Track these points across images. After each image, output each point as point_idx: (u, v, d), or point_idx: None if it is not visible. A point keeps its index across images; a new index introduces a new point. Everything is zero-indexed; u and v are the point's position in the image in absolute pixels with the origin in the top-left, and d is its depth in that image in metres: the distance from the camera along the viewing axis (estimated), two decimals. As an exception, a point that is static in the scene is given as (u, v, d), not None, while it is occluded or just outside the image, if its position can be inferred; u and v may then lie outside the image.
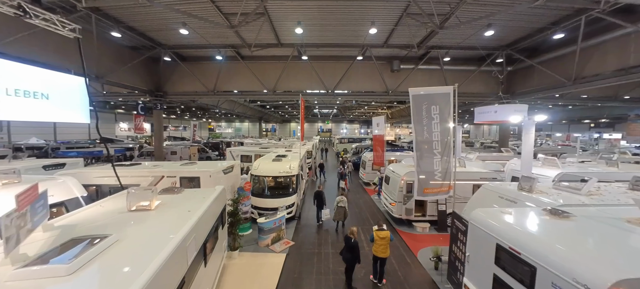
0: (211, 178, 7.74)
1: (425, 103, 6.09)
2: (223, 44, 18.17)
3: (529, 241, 3.93)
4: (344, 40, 17.30)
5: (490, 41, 16.82)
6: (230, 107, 33.66)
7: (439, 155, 6.12)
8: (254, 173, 10.06)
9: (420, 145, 6.12)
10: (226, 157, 17.00)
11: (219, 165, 8.59)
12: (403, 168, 9.97)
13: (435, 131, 6.08)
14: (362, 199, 13.43)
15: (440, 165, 6.15)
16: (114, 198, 5.32)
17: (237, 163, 9.57)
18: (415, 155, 6.21)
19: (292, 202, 9.73)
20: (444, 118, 6.01)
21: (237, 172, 9.79)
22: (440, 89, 6.08)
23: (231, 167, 8.99)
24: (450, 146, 6.16)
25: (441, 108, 6.04)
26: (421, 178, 6.14)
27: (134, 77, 20.06)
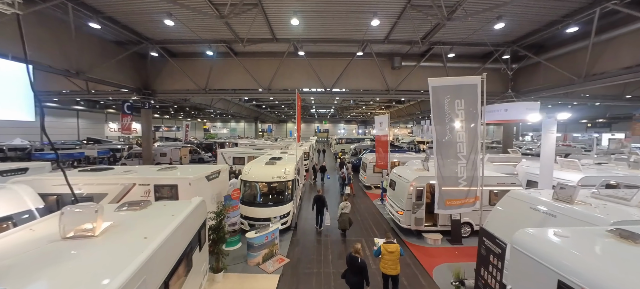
0: (191, 187, 6.50)
1: (447, 96, 4.96)
2: (214, 38, 16.88)
3: (612, 282, 2.82)
4: (343, 35, 16.15)
5: (496, 37, 15.83)
6: (224, 107, 32.27)
7: (464, 159, 5.00)
8: (245, 179, 8.85)
9: (442, 147, 4.98)
10: (217, 159, 15.70)
11: (203, 170, 7.37)
12: (411, 172, 8.84)
13: (459, 131, 4.96)
14: (364, 205, 12.30)
15: (465, 171, 5.03)
16: (53, 218, 4.05)
17: (224, 168, 8.34)
18: (436, 159, 5.08)
19: (287, 211, 8.53)
20: (471, 114, 4.90)
21: (225, 177, 8.55)
22: (466, 80, 4.97)
23: (217, 172, 7.76)
24: (477, 149, 5.04)
25: (467, 102, 4.91)
26: (443, 187, 5.03)
27: (120, 74, 18.62)
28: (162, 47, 18.14)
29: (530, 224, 5.60)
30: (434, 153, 5.21)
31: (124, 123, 20.39)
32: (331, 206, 11.29)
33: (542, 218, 5.56)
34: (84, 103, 35.17)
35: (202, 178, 6.95)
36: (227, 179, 8.79)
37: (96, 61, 16.30)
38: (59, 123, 36.26)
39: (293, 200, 8.97)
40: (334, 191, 15.06)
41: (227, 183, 8.70)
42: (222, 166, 8.27)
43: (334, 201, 10.73)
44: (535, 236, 3.71)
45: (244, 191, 8.91)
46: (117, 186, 6.57)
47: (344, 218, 8.98)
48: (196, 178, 6.72)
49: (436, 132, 4.99)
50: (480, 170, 5.14)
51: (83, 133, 37.81)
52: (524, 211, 5.86)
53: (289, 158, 10.01)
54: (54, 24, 13.54)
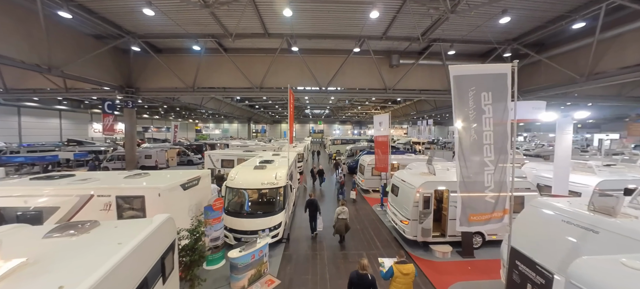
0: (161, 198, 5.35)
1: (472, 88, 4.00)
2: (202, 32, 15.62)
3: None
4: (339, 31, 15.16)
5: (497, 34, 15.12)
6: (215, 107, 30.83)
7: (492, 165, 4.05)
8: (230, 185, 7.73)
9: (466, 151, 4.01)
10: (204, 162, 14.45)
11: (178, 177, 6.22)
12: (416, 177, 7.88)
13: (486, 130, 4.00)
14: (363, 211, 11.29)
15: (492, 179, 4.08)
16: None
17: (204, 173, 7.18)
18: (459, 166, 4.12)
19: (278, 222, 7.44)
20: (499, 110, 3.96)
21: (206, 184, 7.40)
22: (493, 68, 3.99)
23: (196, 179, 6.61)
24: (507, 153, 4.09)
25: (495, 96, 3.95)
26: (467, 199, 4.06)
27: (100, 70, 17.14)
28: (146, 41, 16.75)
29: (567, 242, 4.68)
30: (456, 158, 4.21)
31: (106, 124, 18.87)
32: (328, 211, 10.28)
33: (580, 234, 4.63)
34: (67, 103, 33.18)
35: (175, 187, 5.78)
36: (210, 186, 7.64)
37: (71, 56, 14.84)
38: (40, 123, 34.15)
39: (285, 209, 7.87)
40: (330, 195, 13.98)
41: (210, 190, 7.56)
42: (203, 172, 7.12)
43: (332, 207, 9.72)
44: (611, 272, 2.75)
45: (229, 199, 7.77)
46: (71, 199, 5.37)
47: (341, 224, 8.24)
48: (168, 188, 5.54)
49: (459, 132, 4.02)
50: (509, 178, 4.19)
51: (66, 134, 35.71)
52: (556, 224, 4.93)
53: (281, 162, 8.93)
54: (20, 12, 12.10)
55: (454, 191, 7.46)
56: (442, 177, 7.95)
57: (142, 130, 43.51)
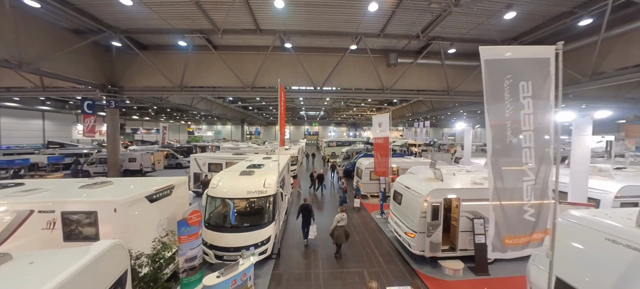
0: (118, 214, 4.29)
1: (508, 76, 3.10)
2: (188, 27, 14.49)
3: None
4: (335, 27, 14.26)
5: (498, 33, 14.45)
6: (207, 108, 29.52)
7: (533, 174, 3.16)
8: (212, 194, 6.67)
9: (501, 156, 3.14)
10: (191, 165, 13.28)
11: (144, 186, 5.14)
12: (423, 184, 6.98)
13: (526, 130, 3.12)
14: (361, 219, 10.33)
15: (533, 192, 3.19)
16: None
17: (179, 181, 6.09)
18: (491, 174, 3.20)
19: (266, 236, 6.41)
20: (542, 106, 3.08)
21: (183, 194, 6.31)
22: (533, 51, 3.10)
23: (168, 189, 5.53)
24: (550, 159, 3.20)
25: (536, 87, 3.07)
26: (501, 218, 3.14)
27: (79, 67, 15.80)
28: (129, 37, 15.52)
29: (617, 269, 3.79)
30: (487, 164, 3.28)
31: (87, 125, 17.48)
32: (326, 220, 9.29)
33: (634, 258, 3.75)
34: (50, 104, 31.37)
35: (138, 199, 4.69)
36: (187, 195, 6.56)
37: (46, 51, 13.53)
38: (22, 125, 32.22)
39: (275, 220, 6.84)
40: (330, 202, 12.95)
41: (187, 201, 6.48)
42: (177, 180, 6.04)
43: (332, 214, 8.72)
44: None
45: (211, 211, 6.70)
46: (2, 216, 4.24)
47: (340, 232, 7.43)
48: (127, 201, 4.45)
49: (492, 131, 3.11)
50: (550, 189, 3.28)
51: (50, 136, 33.80)
52: (598, 244, 4.05)
53: (271, 166, 7.90)
54: None
55: (467, 199, 6.61)
56: (451, 184, 7.07)
57: (131, 132, 41.76)
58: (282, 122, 7.22)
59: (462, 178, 7.67)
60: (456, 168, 9.54)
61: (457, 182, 7.24)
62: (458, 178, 7.86)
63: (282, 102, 7.26)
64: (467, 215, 6.55)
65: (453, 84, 17.70)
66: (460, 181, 7.34)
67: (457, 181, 7.42)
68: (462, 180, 7.52)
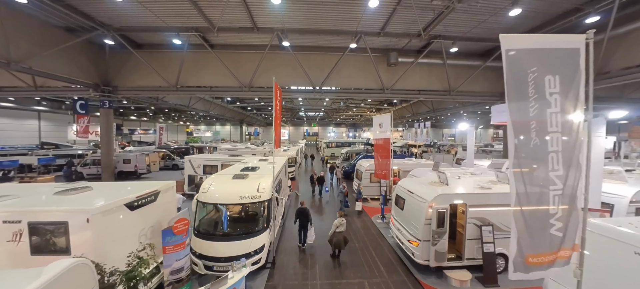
0: (91, 224, 3.82)
1: (532, 68, 2.67)
2: (184, 25, 14.05)
3: None
4: (334, 26, 13.84)
5: (501, 31, 14.02)
6: (205, 108, 29.04)
7: (561, 182, 2.74)
8: (202, 199, 6.22)
9: (524, 160, 2.75)
10: (185, 167, 12.81)
11: (126, 192, 4.69)
12: (427, 188, 6.54)
13: (553, 131, 2.70)
14: (361, 223, 9.86)
15: (560, 203, 2.77)
16: None
17: (165, 186, 5.62)
18: (513, 183, 2.77)
19: (260, 245, 5.96)
20: (570, 103, 2.66)
21: (170, 199, 5.84)
22: (560, 40, 2.67)
23: (153, 194, 5.07)
24: (579, 165, 2.77)
25: (563, 81, 2.65)
26: (524, 233, 2.71)
27: (72, 66, 15.33)
28: (123, 35, 15.07)
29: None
30: (510, 173, 2.84)
31: (81, 125, 16.98)
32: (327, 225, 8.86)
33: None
34: (46, 104, 30.87)
35: (116, 207, 4.22)
36: (174, 201, 6.09)
37: (36, 49, 13.07)
38: (17, 125, 31.68)
39: (269, 228, 6.38)
40: (331, 206, 12.47)
41: (174, 207, 6.02)
42: (163, 185, 5.58)
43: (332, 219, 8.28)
44: None
45: (201, 217, 6.24)
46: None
47: (339, 238, 7.14)
48: (102, 210, 3.99)
49: (515, 132, 2.68)
50: (580, 200, 2.84)
51: (45, 136, 33.26)
52: (627, 258, 3.62)
53: (267, 169, 7.46)
54: None
55: (474, 205, 6.18)
56: (457, 188, 6.62)
57: (129, 132, 41.23)
58: (278, 122, 6.76)
59: (468, 182, 7.23)
60: (460, 171, 9.11)
61: (463, 186, 6.80)
62: (463, 181, 7.42)
63: (277, 100, 6.81)
64: (474, 222, 6.11)
65: (455, 84, 17.28)
66: (467, 185, 6.90)
67: (463, 185, 6.97)
68: (468, 183, 7.08)
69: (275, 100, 6.60)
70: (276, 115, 6.58)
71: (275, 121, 6.59)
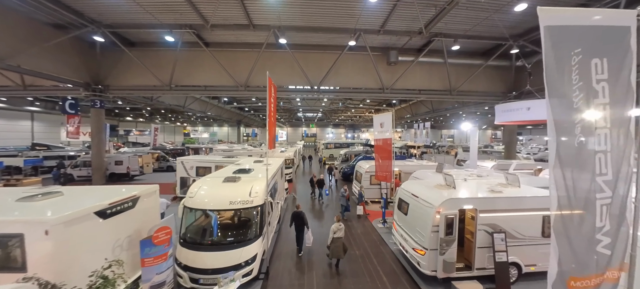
0: (51, 237, 3.24)
1: (576, 50, 2.18)
2: (177, 22, 13.50)
3: None
4: (332, 23, 13.37)
5: (504, 28, 13.62)
6: (201, 108, 28.41)
7: (609, 188, 2.24)
8: (189, 205, 5.66)
9: (567, 163, 2.37)
10: (177, 169, 12.21)
11: (96, 198, 4.12)
12: (433, 192, 6.02)
13: (601, 127, 2.22)
14: (361, 228, 9.32)
15: (608, 215, 2.27)
16: None
17: (146, 191, 5.02)
18: (554, 191, 2.27)
19: (252, 255, 5.40)
20: (621, 93, 2.18)
21: (151, 205, 5.24)
22: (606, 16, 2.19)
23: (131, 200, 4.50)
24: (630, 168, 2.26)
25: (612, 66, 2.18)
26: (566, 251, 2.22)
27: (61, 64, 14.71)
28: (114, 32, 14.48)
29: None
30: (550, 178, 2.32)
31: (71, 126, 16.33)
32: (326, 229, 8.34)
33: None
34: (40, 104, 30.10)
35: (83, 216, 3.62)
36: (157, 206, 5.51)
37: (22, 45, 12.47)
38: (9, 126, 30.88)
39: (262, 236, 5.83)
40: (331, 210, 11.87)
41: (157, 213, 5.44)
42: (143, 190, 5.00)
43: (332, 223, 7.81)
44: None
45: (188, 224, 5.68)
46: None
47: (337, 244, 6.61)
48: (63, 220, 3.40)
49: (555, 127, 2.19)
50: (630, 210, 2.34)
51: (38, 137, 32.45)
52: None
53: (261, 171, 6.91)
54: None
55: (485, 210, 5.67)
56: (465, 192, 6.11)
57: (125, 133, 40.46)
58: (272, 121, 6.21)
59: (476, 185, 6.73)
60: (465, 173, 8.61)
61: (472, 190, 6.29)
62: (471, 184, 6.92)
63: (272, 98, 6.27)
64: (485, 229, 5.60)
65: (456, 84, 16.85)
66: (476, 188, 6.39)
67: (472, 188, 6.46)
68: (477, 187, 6.57)
69: (269, 98, 6.06)
70: (270, 113, 6.04)
71: (268, 119, 6.04)
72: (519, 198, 5.78)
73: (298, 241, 7.46)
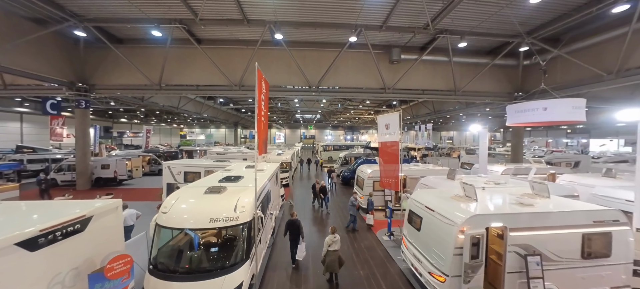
0: None
1: None
2: (165, 16, 12.50)
3: None
4: (332, 18, 12.43)
5: (512, 25, 12.77)
6: (196, 110, 27.31)
7: None
8: (162, 223, 4.65)
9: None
10: (163, 174, 11.15)
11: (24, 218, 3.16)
12: (452, 205, 5.05)
13: None
14: (365, 241, 8.27)
15: None
16: None
17: (105, 208, 3.96)
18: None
19: (236, 284, 4.38)
20: None
21: (111, 224, 4.18)
22: None
23: (78, 222, 3.45)
24: None
25: None
26: None
27: (42, 62, 13.64)
28: (99, 27, 13.46)
29: None
30: None
31: (53, 127, 15.21)
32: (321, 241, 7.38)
33: None
34: (28, 105, 28.87)
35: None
36: (119, 225, 4.45)
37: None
38: (-4, 128, 29.56)
39: (250, 259, 4.81)
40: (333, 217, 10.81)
41: (119, 233, 4.41)
42: (101, 206, 3.95)
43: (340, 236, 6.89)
44: None
45: (159, 246, 4.66)
46: None
47: (333, 258, 5.84)
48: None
49: None
50: None
51: (28, 139, 31.15)
52: None
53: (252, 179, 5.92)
54: None
55: (516, 228, 4.68)
56: (489, 205, 5.16)
57: (118, 135, 39.16)
58: (262, 121, 5.19)
59: (500, 196, 5.78)
60: (479, 179, 7.66)
61: (497, 202, 5.34)
62: (492, 195, 5.96)
63: (262, 95, 5.27)
64: (517, 250, 4.64)
65: (460, 84, 15.99)
66: (500, 200, 5.44)
67: (496, 200, 5.51)
68: (501, 199, 5.62)
69: (259, 94, 5.05)
70: (260, 112, 5.01)
71: (258, 120, 5.00)
72: (557, 213, 4.84)
73: (292, 252, 6.73)
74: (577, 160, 17.87)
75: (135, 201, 12.74)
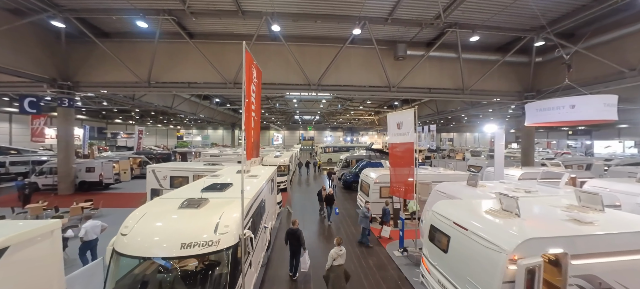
0: None
1: None
2: (153, 7, 11.36)
3: None
4: (333, 9, 11.37)
5: (527, 18, 11.81)
6: (191, 110, 26.13)
7: None
8: (120, 250, 3.55)
9: None
10: (147, 180, 9.96)
11: None
12: (493, 223, 3.96)
13: None
14: (372, 257, 7.11)
15: None
16: None
17: (29, 235, 2.91)
18: None
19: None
20: None
21: (44, 254, 3.05)
22: None
23: None
24: None
25: None
26: None
27: (20, 56, 12.43)
28: (82, 19, 12.30)
29: None
30: None
31: (35, 127, 13.99)
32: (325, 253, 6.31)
33: None
34: (18, 105, 27.44)
35: None
36: (56, 255, 3.27)
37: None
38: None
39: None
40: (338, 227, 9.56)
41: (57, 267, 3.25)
42: (22, 234, 2.85)
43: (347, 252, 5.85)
44: None
45: (117, 279, 3.54)
46: None
47: (338, 274, 5.06)
48: None
49: None
50: None
51: (17, 140, 29.78)
52: None
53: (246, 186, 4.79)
54: None
55: (579, 255, 3.59)
56: (540, 224, 4.06)
57: (112, 136, 37.81)
58: (250, 117, 4.05)
59: (542, 210, 4.70)
60: (507, 187, 6.59)
61: (547, 220, 4.24)
62: (532, 208, 4.88)
63: (253, 84, 4.16)
64: (580, 284, 3.55)
65: (468, 82, 14.98)
66: (549, 217, 4.35)
67: (543, 217, 4.42)
68: (546, 213, 4.53)
69: (248, 83, 3.93)
70: (248, 106, 3.86)
71: (245, 115, 3.84)
72: (627, 234, 3.76)
73: (291, 264, 6.02)
74: (590, 163, 16.89)
75: (118, 208, 11.55)
